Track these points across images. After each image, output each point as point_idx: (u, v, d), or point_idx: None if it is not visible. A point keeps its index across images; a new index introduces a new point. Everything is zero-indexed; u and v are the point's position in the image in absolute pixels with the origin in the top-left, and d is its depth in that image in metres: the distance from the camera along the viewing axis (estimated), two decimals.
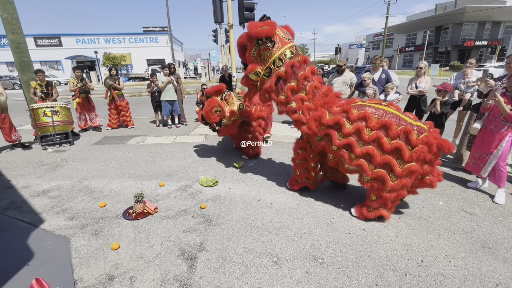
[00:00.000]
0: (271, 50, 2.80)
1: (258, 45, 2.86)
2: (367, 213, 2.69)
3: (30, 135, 6.20)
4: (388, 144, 2.39)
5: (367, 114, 2.50)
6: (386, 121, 2.41)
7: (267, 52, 2.83)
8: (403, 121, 2.42)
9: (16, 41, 6.17)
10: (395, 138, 2.38)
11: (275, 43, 2.78)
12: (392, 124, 2.39)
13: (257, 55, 2.93)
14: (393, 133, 2.37)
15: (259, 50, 2.88)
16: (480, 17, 31.06)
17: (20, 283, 1.97)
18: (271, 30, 2.73)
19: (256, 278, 2.03)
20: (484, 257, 2.21)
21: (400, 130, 2.37)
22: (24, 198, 3.33)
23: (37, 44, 30.86)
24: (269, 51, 2.82)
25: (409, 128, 2.35)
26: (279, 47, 2.80)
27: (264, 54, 2.86)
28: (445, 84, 3.89)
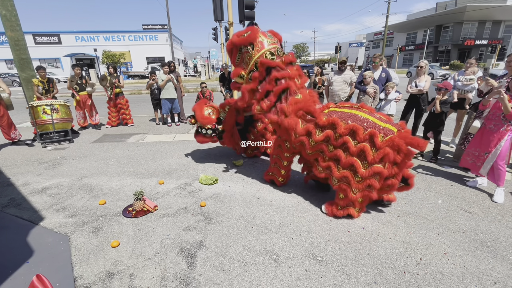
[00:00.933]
0: (251, 53, 2.93)
1: (240, 50, 3.04)
2: (336, 211, 2.75)
3: (29, 133, 6.19)
4: (354, 147, 2.46)
5: (336, 121, 2.57)
6: (354, 126, 2.47)
7: (247, 55, 2.97)
8: (371, 124, 2.46)
9: (15, 38, 6.15)
10: (361, 141, 2.45)
11: (254, 46, 2.90)
12: (359, 129, 2.45)
13: (241, 60, 3.10)
14: (360, 137, 2.44)
15: (242, 54, 3.05)
16: (480, 16, 30.99)
17: (20, 280, 1.98)
18: (252, 36, 2.88)
19: (256, 275, 2.03)
20: (483, 256, 2.23)
21: (366, 134, 2.43)
22: (24, 196, 3.33)
23: (36, 41, 30.75)
24: (248, 54, 2.95)
25: (375, 131, 2.40)
26: (259, 50, 2.89)
27: (245, 58, 3.00)
28: (445, 83, 3.89)
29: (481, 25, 32.48)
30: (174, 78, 6.69)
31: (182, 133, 6.40)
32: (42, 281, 0.82)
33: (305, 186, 3.52)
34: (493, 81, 3.43)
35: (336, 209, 2.75)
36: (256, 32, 2.90)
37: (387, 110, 4.85)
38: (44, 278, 0.87)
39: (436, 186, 3.47)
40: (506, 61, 3.39)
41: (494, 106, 3.12)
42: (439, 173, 3.88)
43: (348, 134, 2.50)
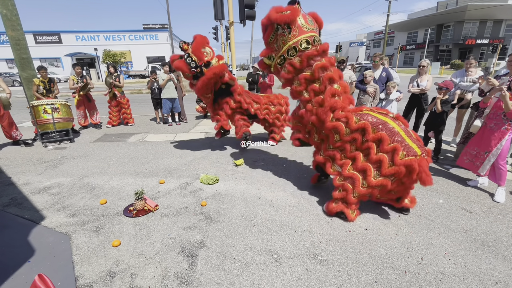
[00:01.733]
0: (286, 37, 2.70)
1: (276, 30, 2.77)
2: (333, 207, 2.74)
3: (30, 132, 6.20)
4: (374, 155, 2.47)
5: (367, 126, 2.54)
6: (383, 135, 2.45)
7: (282, 38, 2.74)
8: (398, 138, 2.43)
9: (16, 37, 6.14)
10: (383, 152, 2.44)
11: (291, 30, 2.66)
12: (386, 140, 2.43)
13: (274, 40, 2.85)
14: (383, 148, 2.44)
15: (276, 35, 2.80)
16: (481, 15, 30.91)
17: (22, 279, 1.98)
18: (290, 16, 2.60)
19: (257, 275, 2.04)
20: (484, 255, 2.22)
21: (390, 146, 2.41)
22: (25, 195, 3.33)
23: (37, 41, 30.74)
24: (283, 38, 2.72)
25: (399, 147, 2.37)
26: (296, 35, 2.67)
27: (279, 40, 2.78)
28: (447, 82, 3.87)
29: (482, 24, 32.40)
30: (175, 78, 6.69)
31: (183, 132, 6.41)
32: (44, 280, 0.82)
33: (305, 185, 3.52)
34: (494, 80, 3.43)
35: (331, 203, 2.76)
36: (296, 14, 2.63)
37: (389, 109, 4.84)
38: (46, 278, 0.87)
39: (437, 186, 3.47)
40: (507, 61, 3.38)
41: (495, 105, 3.11)
42: (440, 173, 3.87)
43: (374, 141, 2.50)
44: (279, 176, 3.83)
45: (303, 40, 2.68)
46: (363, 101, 4.87)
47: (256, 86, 7.27)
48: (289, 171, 3.99)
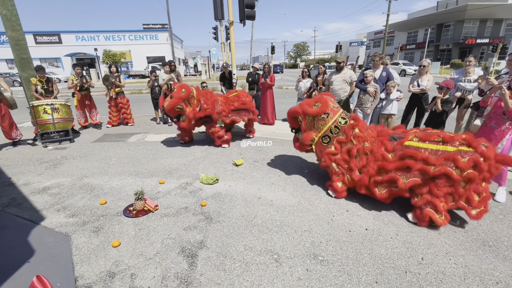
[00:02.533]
0: (326, 120, 3.21)
1: (310, 116, 3.30)
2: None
3: (30, 133, 6.19)
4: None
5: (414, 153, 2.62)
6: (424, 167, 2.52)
7: (321, 122, 3.24)
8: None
9: (16, 38, 6.14)
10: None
11: (328, 114, 3.19)
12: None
13: (310, 124, 3.34)
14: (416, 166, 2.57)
15: (312, 120, 3.31)
16: (481, 14, 30.86)
17: (21, 280, 1.98)
18: (326, 107, 3.18)
19: (257, 275, 2.03)
20: (485, 255, 2.22)
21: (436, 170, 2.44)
22: (25, 196, 3.33)
23: (37, 41, 30.78)
24: (323, 122, 3.23)
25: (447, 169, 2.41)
26: (332, 117, 3.19)
27: (319, 124, 3.27)
28: (447, 81, 3.87)
29: (482, 24, 32.35)
30: (175, 78, 6.69)
31: None
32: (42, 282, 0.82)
33: (306, 186, 3.51)
34: (494, 80, 3.42)
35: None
36: (328, 102, 3.22)
37: (389, 109, 4.84)
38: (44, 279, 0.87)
39: None
40: (507, 60, 3.38)
41: (495, 104, 3.09)
42: None
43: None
44: (279, 176, 3.82)
45: (339, 118, 3.19)
46: (363, 100, 4.86)
47: (256, 86, 7.26)
48: (289, 171, 3.99)
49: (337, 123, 3.18)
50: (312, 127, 3.33)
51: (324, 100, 3.24)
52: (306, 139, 3.35)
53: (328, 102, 3.23)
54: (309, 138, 3.32)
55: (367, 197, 3.15)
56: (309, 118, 3.32)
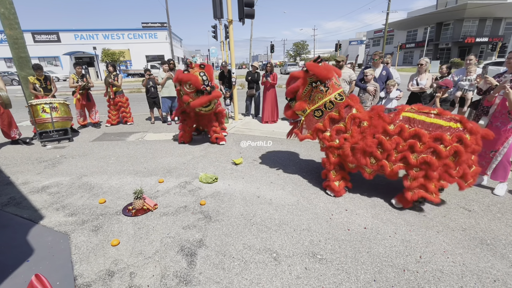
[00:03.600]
0: (323, 94, 3.04)
1: (310, 85, 3.08)
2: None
3: (29, 132, 6.18)
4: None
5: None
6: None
7: (318, 94, 3.07)
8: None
9: (14, 36, 6.11)
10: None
11: (328, 88, 3.03)
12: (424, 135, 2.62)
13: (307, 94, 3.14)
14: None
15: (310, 90, 3.10)
16: (481, 13, 30.86)
17: (20, 279, 1.98)
18: (331, 73, 2.97)
19: (256, 274, 2.04)
20: (482, 254, 2.23)
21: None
22: (24, 195, 3.33)
23: (35, 40, 30.66)
24: (320, 94, 3.06)
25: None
26: (331, 92, 3.03)
27: (315, 96, 3.10)
28: (446, 81, 3.87)
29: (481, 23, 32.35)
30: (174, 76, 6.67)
31: None
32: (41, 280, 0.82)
33: (305, 184, 3.52)
34: (492, 79, 3.42)
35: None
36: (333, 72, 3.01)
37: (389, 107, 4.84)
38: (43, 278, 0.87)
39: None
40: (506, 58, 3.37)
41: (501, 103, 3.08)
42: None
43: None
44: (279, 175, 3.83)
45: (337, 94, 3.05)
46: (363, 99, 4.86)
47: (255, 85, 7.25)
48: (288, 170, 3.99)
49: (334, 98, 3.05)
50: (308, 98, 3.17)
51: (332, 68, 3.06)
52: (298, 107, 3.22)
53: (334, 73, 3.04)
54: (301, 107, 3.21)
55: (366, 197, 3.17)
56: (307, 87, 3.11)
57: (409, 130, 2.67)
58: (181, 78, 4.55)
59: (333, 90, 3.05)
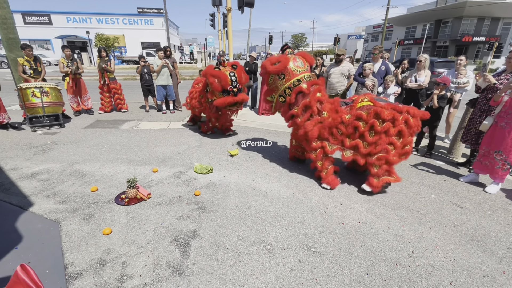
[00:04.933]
0: (281, 81, 3.35)
1: (272, 76, 3.44)
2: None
3: (19, 116, 6.00)
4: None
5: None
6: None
7: (278, 82, 3.40)
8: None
9: (3, 16, 5.84)
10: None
11: (284, 76, 3.31)
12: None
13: (273, 83, 3.49)
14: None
15: (274, 79, 3.45)
16: (480, 12, 30.87)
17: (8, 266, 1.93)
18: (281, 66, 3.25)
19: (249, 265, 2.03)
20: (473, 250, 2.26)
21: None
22: (12, 181, 3.24)
23: (26, 21, 29.53)
24: (280, 82, 3.37)
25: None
26: (289, 79, 3.29)
27: (277, 84, 3.43)
28: (445, 78, 3.86)
29: (480, 22, 32.40)
30: (170, 64, 6.52)
31: (177, 121, 6.30)
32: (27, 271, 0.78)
33: (300, 177, 3.51)
34: (491, 77, 3.42)
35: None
36: (286, 63, 3.25)
37: None
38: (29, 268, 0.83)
39: (430, 181, 3.51)
40: (507, 58, 3.37)
41: (507, 103, 3.06)
42: (433, 168, 3.92)
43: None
44: (274, 167, 3.81)
45: (295, 80, 3.28)
46: (360, 93, 4.83)
47: (253, 76, 7.14)
48: (284, 162, 3.98)
49: (291, 85, 3.30)
50: (274, 85, 3.49)
51: (285, 59, 3.27)
52: (266, 93, 3.62)
53: (288, 63, 3.25)
54: (269, 94, 3.58)
55: (361, 191, 3.18)
56: (271, 76, 3.43)
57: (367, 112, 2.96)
58: (211, 73, 4.41)
59: (292, 76, 3.28)
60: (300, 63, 3.33)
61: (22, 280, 0.75)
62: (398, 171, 3.78)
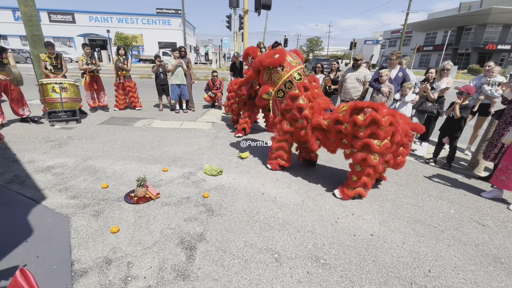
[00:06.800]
0: (280, 74, 3.25)
1: (269, 69, 3.31)
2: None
3: (39, 110, 6.21)
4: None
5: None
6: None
7: (276, 75, 3.28)
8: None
9: (29, 13, 6.08)
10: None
11: (284, 67, 3.24)
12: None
13: (268, 78, 3.39)
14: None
15: (270, 73, 3.34)
16: (505, 19, 29.61)
17: (18, 259, 1.96)
18: (282, 58, 3.21)
19: (256, 274, 1.97)
20: (495, 272, 2.11)
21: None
22: (28, 173, 3.32)
23: (51, 19, 30.86)
24: (278, 74, 3.27)
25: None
26: (288, 71, 3.23)
27: (274, 77, 3.31)
28: (468, 87, 3.67)
29: (505, 29, 31.07)
30: (184, 64, 6.57)
31: (190, 121, 6.33)
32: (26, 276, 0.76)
33: (311, 184, 3.42)
34: None
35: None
36: (285, 54, 3.25)
37: (403, 111, 4.66)
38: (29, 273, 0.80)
39: (449, 195, 3.33)
40: None
41: None
42: (452, 181, 3.72)
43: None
44: (284, 172, 3.73)
45: (295, 73, 3.24)
46: (376, 100, 4.68)
47: None
48: (294, 168, 3.89)
49: (292, 77, 3.22)
50: (270, 81, 3.39)
51: (282, 52, 3.27)
52: (262, 91, 3.45)
53: (286, 55, 3.25)
54: (266, 91, 3.43)
55: (374, 202, 3.05)
56: (267, 71, 3.34)
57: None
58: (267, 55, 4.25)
59: (290, 68, 3.23)
60: (295, 56, 3.37)
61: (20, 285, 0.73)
62: (414, 182, 3.63)
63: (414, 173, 3.92)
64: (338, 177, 3.68)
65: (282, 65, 3.22)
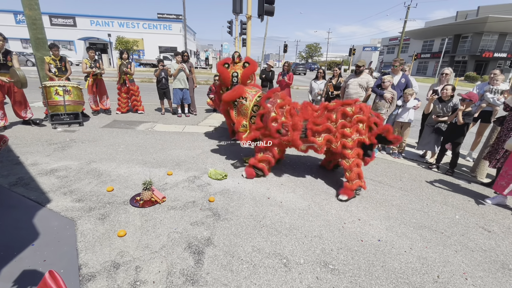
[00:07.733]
0: (246, 105, 3.52)
1: (235, 105, 3.59)
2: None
3: (41, 113, 6.19)
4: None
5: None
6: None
7: (243, 107, 3.54)
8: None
9: (33, 17, 6.12)
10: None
11: (247, 98, 3.52)
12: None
13: (238, 112, 3.61)
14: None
15: (237, 107, 3.59)
16: (501, 28, 30.15)
17: (24, 263, 1.93)
18: (242, 90, 3.49)
19: (265, 279, 1.95)
20: (504, 279, 2.11)
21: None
22: (32, 176, 3.30)
23: (52, 23, 30.96)
24: (245, 106, 3.53)
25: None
26: (251, 100, 3.52)
27: (242, 109, 3.56)
28: (471, 94, 3.72)
29: (501, 38, 31.62)
30: (187, 68, 6.61)
31: (192, 124, 6.34)
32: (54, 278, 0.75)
33: (316, 189, 3.42)
34: None
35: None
36: (242, 88, 3.51)
37: (405, 118, 4.70)
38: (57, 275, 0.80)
39: (453, 200, 3.34)
40: None
41: None
42: (456, 187, 3.74)
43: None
44: (289, 177, 3.73)
45: (256, 97, 3.54)
46: (379, 106, 4.73)
47: (269, 84, 7.14)
48: (298, 172, 3.90)
49: (255, 101, 3.51)
50: (241, 114, 3.61)
51: (238, 87, 3.52)
52: (238, 125, 3.64)
53: (243, 88, 3.51)
54: (240, 123, 3.63)
55: (379, 207, 3.06)
56: (234, 106, 3.60)
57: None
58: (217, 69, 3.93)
59: (252, 96, 3.53)
60: (252, 87, 3.64)
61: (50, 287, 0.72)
62: (418, 187, 3.64)
63: (418, 179, 3.94)
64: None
65: (244, 96, 3.51)
